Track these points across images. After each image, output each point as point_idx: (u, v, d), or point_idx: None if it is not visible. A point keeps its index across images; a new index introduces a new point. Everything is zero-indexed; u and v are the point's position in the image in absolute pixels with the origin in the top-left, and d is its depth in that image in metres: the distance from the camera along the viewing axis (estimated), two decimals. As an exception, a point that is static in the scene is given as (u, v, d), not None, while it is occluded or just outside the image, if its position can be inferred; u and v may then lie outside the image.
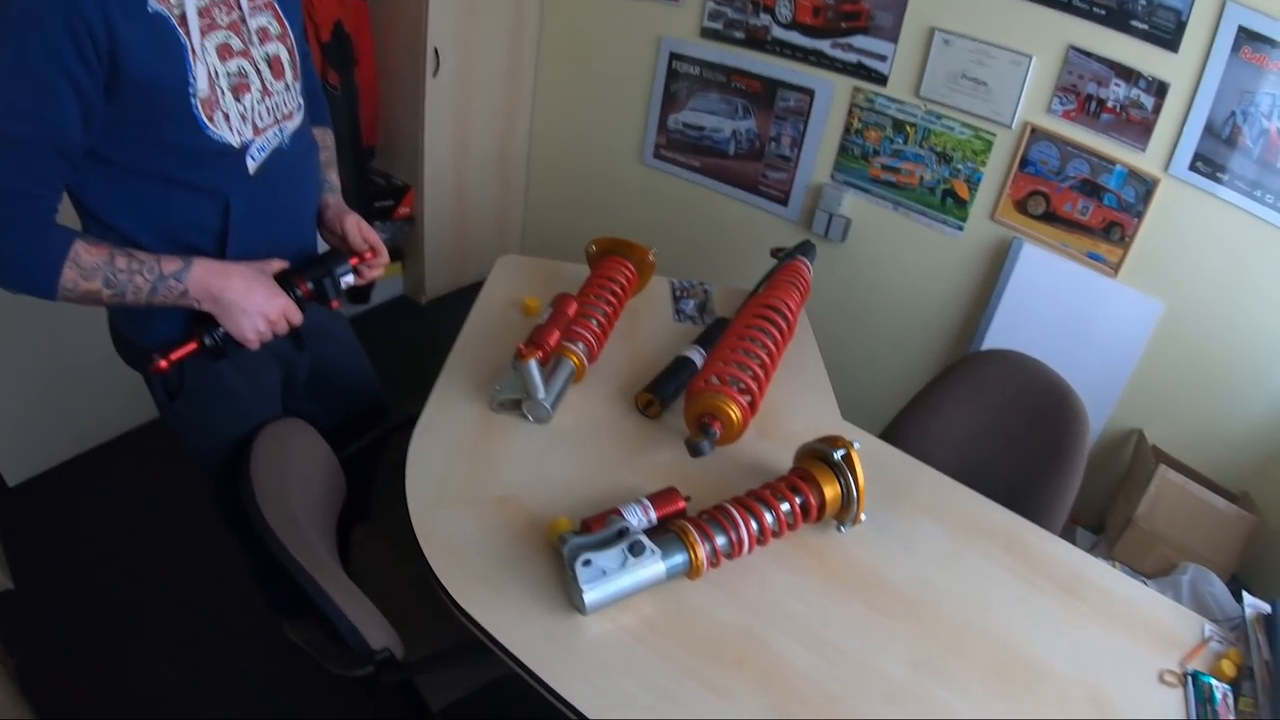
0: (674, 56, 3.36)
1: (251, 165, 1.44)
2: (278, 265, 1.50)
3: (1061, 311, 2.75)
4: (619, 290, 1.98)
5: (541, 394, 1.65)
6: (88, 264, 1.28)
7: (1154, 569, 2.51)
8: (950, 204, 2.88)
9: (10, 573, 2.42)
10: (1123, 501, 2.67)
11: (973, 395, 2.08)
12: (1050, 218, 2.70)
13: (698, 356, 1.87)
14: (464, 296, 3.88)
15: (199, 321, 1.43)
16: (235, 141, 1.39)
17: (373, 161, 3.68)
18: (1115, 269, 2.62)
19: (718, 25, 3.22)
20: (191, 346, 1.42)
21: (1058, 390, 1.97)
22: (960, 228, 2.89)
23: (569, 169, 4.03)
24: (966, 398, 2.08)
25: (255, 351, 1.48)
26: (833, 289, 3.16)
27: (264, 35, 1.45)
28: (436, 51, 3.39)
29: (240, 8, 1.40)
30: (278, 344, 1.53)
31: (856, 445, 1.49)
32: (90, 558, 2.54)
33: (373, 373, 2.03)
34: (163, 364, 1.40)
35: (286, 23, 1.52)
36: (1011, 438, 2.01)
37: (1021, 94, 2.62)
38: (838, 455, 1.49)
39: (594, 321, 1.85)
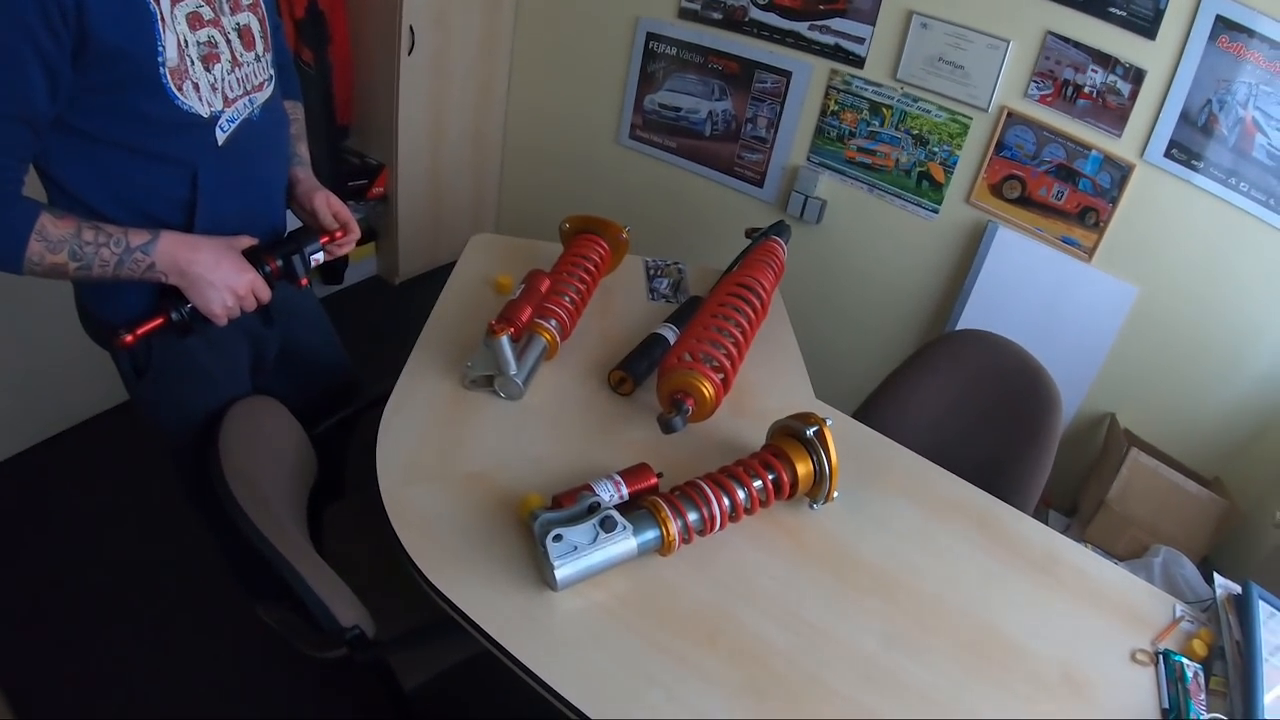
0: (651, 37, 3.35)
1: (220, 136, 1.42)
2: (246, 241, 1.48)
3: (1036, 295, 2.76)
4: (592, 268, 1.97)
5: (513, 370, 1.64)
6: (54, 236, 1.26)
7: (1126, 551, 2.54)
8: (926, 187, 2.89)
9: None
10: (1095, 484, 2.69)
11: (947, 375, 2.08)
12: (1025, 202, 2.71)
13: (671, 334, 1.86)
14: (438, 277, 3.83)
15: (166, 296, 1.41)
16: (204, 112, 1.37)
17: (347, 140, 3.65)
18: (1090, 254, 2.63)
19: (695, 6, 3.20)
20: (158, 321, 1.40)
21: (1031, 371, 1.98)
22: (935, 211, 2.90)
23: (545, 149, 4.00)
24: (940, 377, 2.08)
25: (223, 328, 1.46)
26: (808, 271, 3.16)
27: (234, 5, 1.42)
28: (411, 29, 3.36)
29: None
30: (247, 320, 1.52)
31: (829, 422, 1.49)
32: (61, 542, 2.52)
33: (343, 351, 2.02)
34: (129, 339, 1.38)
35: None
36: (985, 417, 2.01)
37: (999, 78, 2.63)
38: (810, 432, 1.49)
39: (567, 299, 1.83)
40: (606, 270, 2.08)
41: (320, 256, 1.57)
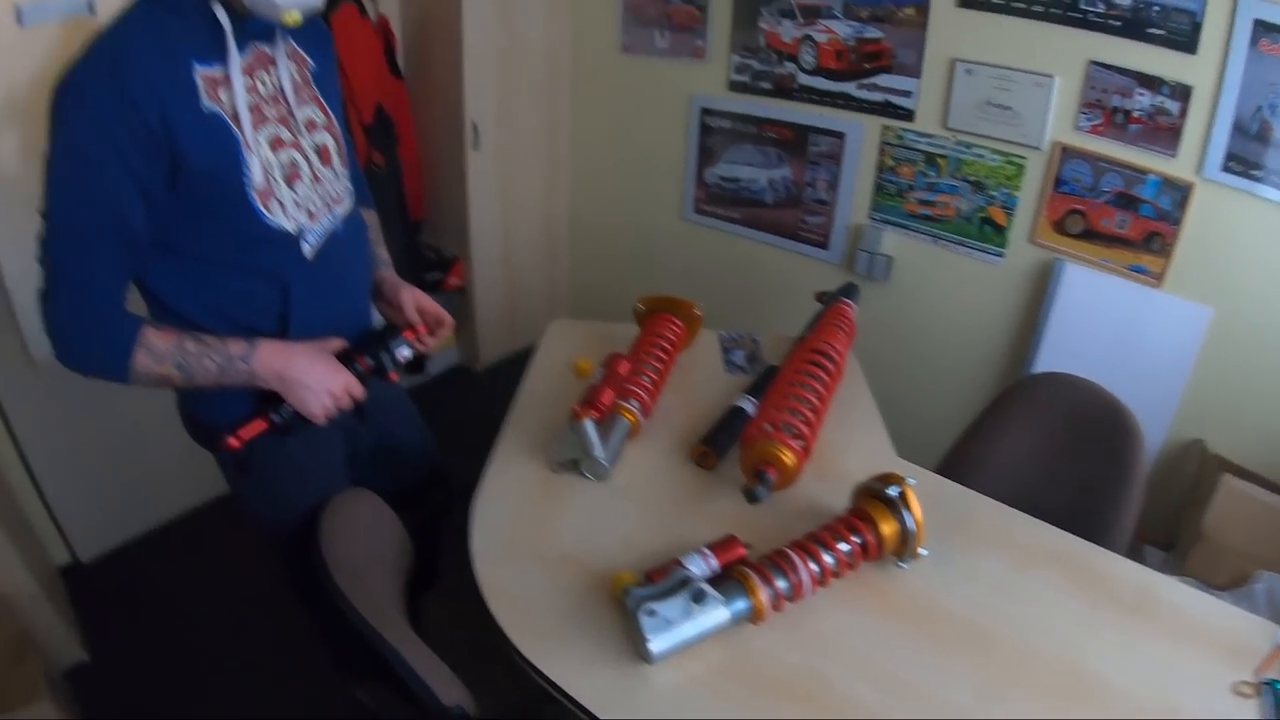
0: (705, 112, 3.42)
1: (308, 249, 1.51)
2: (337, 344, 1.57)
3: (1109, 328, 2.72)
4: (668, 346, 2.02)
5: (599, 452, 1.69)
6: (158, 349, 1.36)
7: (1228, 581, 2.45)
8: (989, 231, 2.88)
9: (84, 646, 2.51)
10: (1190, 515, 2.62)
11: (1025, 421, 2.08)
12: (1089, 235, 2.68)
13: (750, 405, 1.90)
14: (518, 361, 3.90)
15: (267, 400, 1.50)
16: (291, 227, 1.47)
17: (421, 235, 3.77)
18: (1159, 279, 2.59)
19: (745, 78, 3.27)
20: (261, 425, 1.49)
21: (1109, 408, 1.96)
22: (1000, 254, 2.89)
23: (612, 229, 4.09)
24: (1019, 424, 2.08)
25: (321, 426, 1.54)
26: (879, 327, 3.15)
27: (311, 126, 1.53)
28: (475, 125, 3.49)
29: (287, 102, 1.48)
30: (342, 418, 1.58)
31: (911, 481, 1.51)
32: (161, 630, 2.63)
33: (432, 440, 2.09)
34: (234, 442, 1.47)
35: (330, 112, 1.60)
36: (1068, 460, 2.00)
37: (1048, 115, 2.62)
38: (893, 492, 1.50)
39: (646, 378, 1.88)
40: (682, 347, 2.13)
41: (408, 352, 1.64)
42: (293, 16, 1.34)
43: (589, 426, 1.67)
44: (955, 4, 2.71)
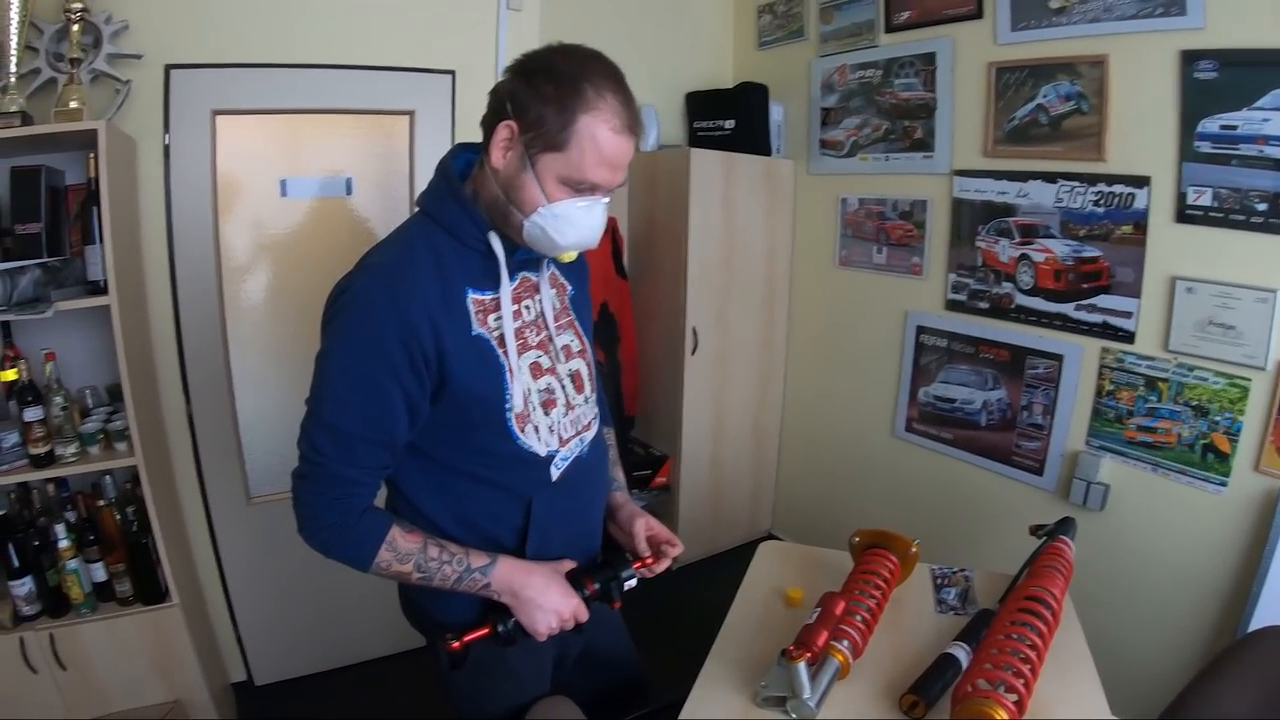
0: (921, 330, 3.47)
1: (555, 473, 1.63)
2: (568, 565, 1.66)
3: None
4: (883, 584, 2.02)
5: (808, 694, 1.69)
6: (402, 549, 1.50)
7: None
8: (1211, 460, 2.76)
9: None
10: None
11: (1252, 682, 1.94)
12: (1321, 462, 2.54)
13: (962, 654, 1.86)
14: (716, 564, 3.99)
15: (493, 609, 1.59)
16: (542, 451, 1.59)
17: (633, 431, 3.92)
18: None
19: (961, 296, 3.32)
20: (484, 632, 1.58)
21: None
22: (1223, 484, 2.74)
23: (821, 440, 4.14)
24: (1245, 685, 1.94)
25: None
26: (1093, 562, 3.02)
27: (568, 352, 1.67)
28: (694, 330, 3.65)
29: (548, 328, 1.62)
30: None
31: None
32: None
33: (634, 650, 2.13)
34: (456, 645, 1.55)
35: (585, 339, 1.74)
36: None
37: (1271, 332, 2.54)
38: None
39: (859, 618, 1.89)
40: (896, 585, 2.13)
41: (634, 583, 1.71)
42: (569, 256, 1.52)
43: (802, 669, 1.68)
44: (1173, 219, 2.71)
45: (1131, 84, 2.81)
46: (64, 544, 2.45)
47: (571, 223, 1.46)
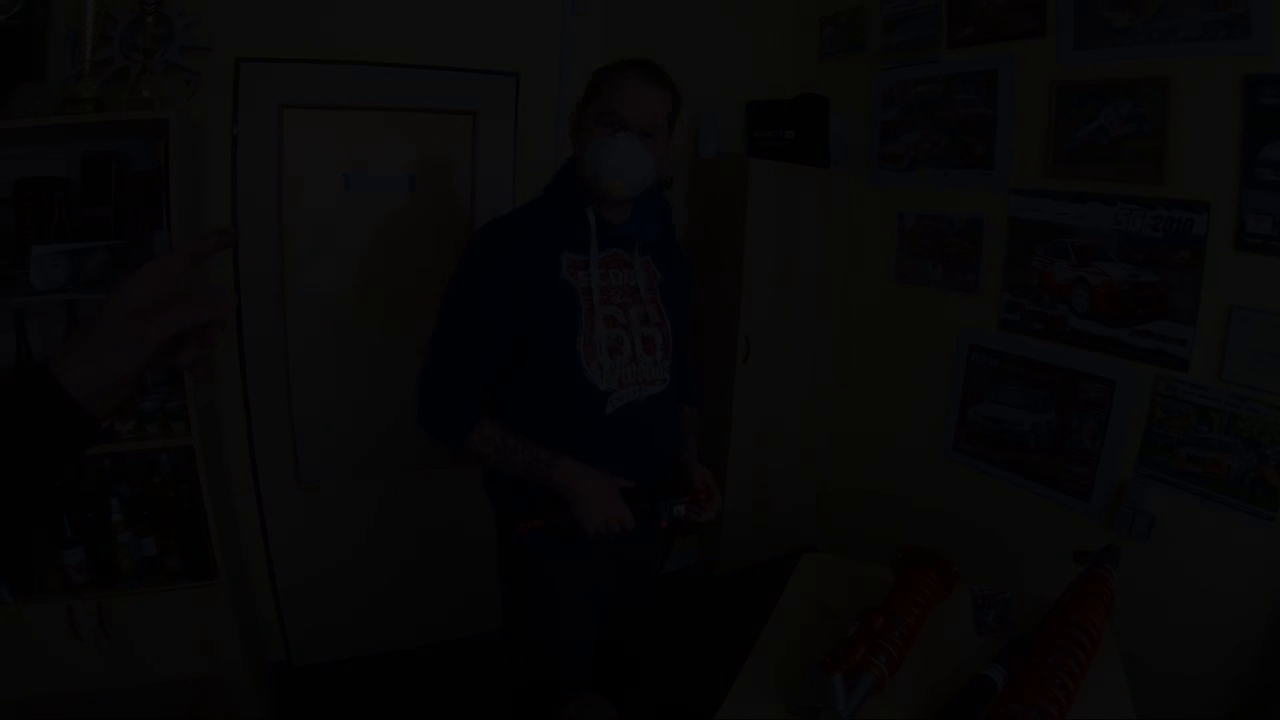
0: (973, 349, 3.46)
1: (608, 408, 1.92)
2: (625, 483, 1.90)
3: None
4: (923, 602, 2.03)
5: (842, 707, 1.71)
6: (489, 435, 1.91)
7: None
8: (1260, 493, 2.70)
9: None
10: None
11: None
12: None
13: (998, 676, 1.87)
14: (755, 573, 4.01)
15: (549, 506, 1.90)
16: (601, 386, 1.91)
17: (682, 436, 3.96)
18: None
19: (1016, 316, 3.30)
20: (539, 523, 1.90)
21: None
22: (1271, 518, 2.68)
23: (869, 454, 4.15)
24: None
25: (582, 563, 2.00)
26: (1135, 591, 2.97)
27: (645, 320, 1.97)
28: (748, 339, 3.67)
29: (630, 297, 1.94)
30: (598, 563, 2.04)
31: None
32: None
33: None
34: (521, 527, 1.93)
35: (667, 317, 2.00)
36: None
37: None
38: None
39: (898, 634, 1.90)
40: (936, 602, 2.13)
41: (683, 510, 1.94)
42: (616, 186, 1.86)
43: (838, 683, 1.70)
44: (1232, 246, 2.67)
45: (1193, 107, 2.77)
46: (117, 517, 2.54)
47: (608, 148, 1.84)
